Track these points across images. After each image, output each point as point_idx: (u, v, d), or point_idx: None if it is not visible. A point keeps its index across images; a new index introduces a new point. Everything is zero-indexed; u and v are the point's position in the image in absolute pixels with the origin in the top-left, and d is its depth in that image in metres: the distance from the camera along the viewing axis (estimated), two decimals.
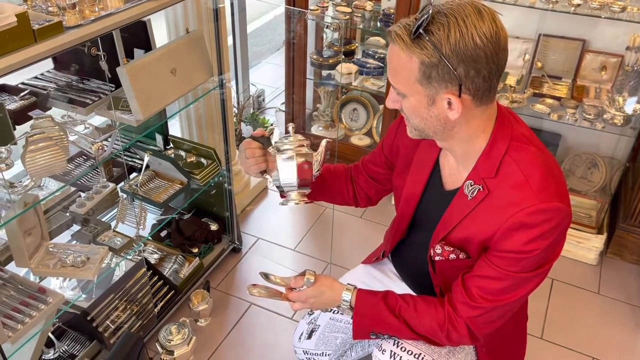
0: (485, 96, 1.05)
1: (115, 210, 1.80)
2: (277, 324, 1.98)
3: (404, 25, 1.02)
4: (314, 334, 1.73)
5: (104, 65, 1.41)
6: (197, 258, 2.05)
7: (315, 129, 2.87)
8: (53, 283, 1.84)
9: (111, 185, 1.77)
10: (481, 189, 1.14)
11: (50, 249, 1.57)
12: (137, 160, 1.99)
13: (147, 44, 1.78)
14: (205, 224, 2.16)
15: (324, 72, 2.81)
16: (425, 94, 1.04)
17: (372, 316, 1.27)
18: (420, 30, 0.98)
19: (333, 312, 1.69)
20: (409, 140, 1.34)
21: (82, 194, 1.75)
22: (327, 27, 2.65)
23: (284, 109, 3.01)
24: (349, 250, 2.28)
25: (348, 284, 1.31)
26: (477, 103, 1.05)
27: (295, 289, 1.32)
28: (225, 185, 2.09)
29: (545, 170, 1.10)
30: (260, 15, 4.15)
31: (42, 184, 1.83)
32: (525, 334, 1.47)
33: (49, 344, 1.70)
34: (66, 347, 1.70)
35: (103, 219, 1.83)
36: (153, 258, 2.04)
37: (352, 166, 1.53)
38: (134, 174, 1.97)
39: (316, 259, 2.26)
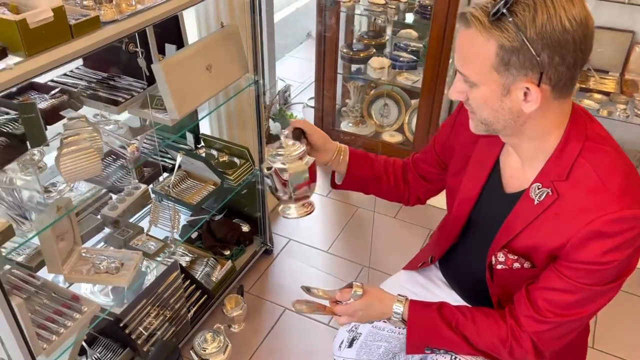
0: (565, 88, 0.95)
1: (145, 211, 1.74)
2: (314, 330, 1.91)
3: (480, 6, 0.92)
4: (355, 342, 1.66)
5: (142, 62, 1.34)
6: (230, 261, 1.98)
7: (345, 125, 2.78)
8: (82, 288, 1.79)
9: (143, 186, 1.70)
10: (550, 193, 1.05)
11: (83, 254, 1.50)
12: (167, 160, 1.92)
13: (179, 39, 1.70)
14: (236, 225, 2.09)
15: (354, 67, 2.72)
16: (500, 82, 0.95)
17: (427, 330, 1.19)
18: (503, 11, 0.89)
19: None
20: (466, 137, 1.26)
21: (114, 196, 1.69)
22: (374, 19, 2.55)
23: (312, 105, 2.92)
24: (384, 252, 2.20)
25: (398, 295, 1.23)
26: (556, 95, 0.96)
27: (340, 302, 1.24)
28: (258, 186, 2.01)
29: (625, 174, 1.01)
30: (282, 7, 4.06)
31: (72, 186, 1.77)
32: (586, 346, 1.38)
33: (81, 351, 1.65)
34: (98, 355, 1.65)
35: (133, 221, 1.77)
36: (184, 261, 1.98)
37: (403, 162, 1.44)
38: (164, 175, 1.90)
39: (350, 261, 2.18)
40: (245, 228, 2.10)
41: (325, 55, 2.50)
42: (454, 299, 1.44)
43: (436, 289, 1.50)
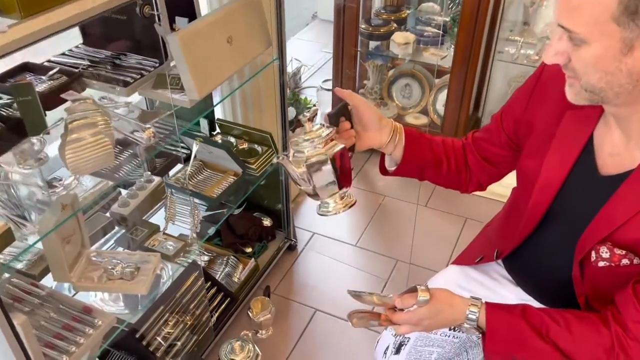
0: None
1: (160, 207, 1.54)
2: (350, 333, 1.72)
3: None
4: (403, 348, 1.47)
5: (160, 29, 1.13)
6: (252, 259, 1.79)
7: None
8: (90, 296, 1.59)
9: (156, 179, 1.50)
10: None
11: (93, 258, 1.31)
12: (181, 150, 1.72)
13: (191, 11, 1.50)
14: (257, 219, 1.89)
15: (372, 44, 2.52)
16: (620, 37, 0.77)
17: (510, 339, 1.01)
18: None
19: None
20: (547, 112, 1.07)
21: (124, 191, 1.49)
22: None
23: (326, 88, 2.72)
24: (420, 244, 2.01)
25: (472, 297, 1.04)
26: None
27: (397, 309, 1.06)
28: (281, 177, 1.82)
29: None
30: None
31: (78, 180, 1.57)
32: None
33: None
34: None
35: (147, 219, 1.57)
36: (201, 261, 1.78)
37: (462, 143, 1.25)
38: (177, 166, 1.70)
39: (383, 255, 2.00)
40: (266, 222, 1.91)
41: (344, 30, 2.29)
42: (521, 298, 1.26)
43: (498, 287, 1.32)
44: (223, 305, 1.67)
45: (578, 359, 0.97)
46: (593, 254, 0.96)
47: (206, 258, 1.80)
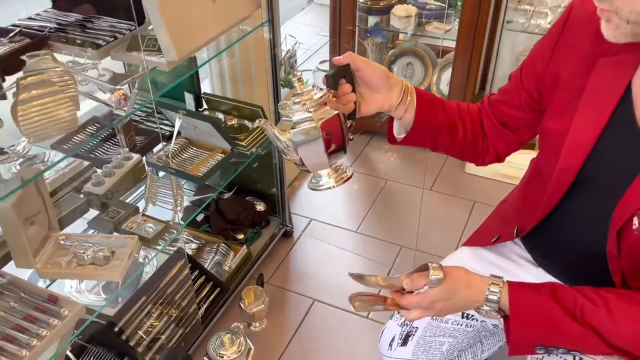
0: None
1: (140, 190, 1.40)
2: (352, 325, 1.58)
3: None
4: (410, 339, 1.33)
5: None
6: (244, 246, 1.65)
7: None
8: (66, 287, 1.45)
9: (135, 156, 1.36)
10: None
11: (62, 242, 1.16)
12: (164, 127, 1.58)
13: None
14: (250, 203, 1.75)
15: (371, 20, 2.37)
16: None
17: (538, 322, 0.87)
18: None
19: None
20: (576, 61, 0.93)
21: (99, 170, 1.35)
22: None
23: (323, 69, 2.58)
24: (426, 230, 1.86)
25: (492, 275, 0.90)
26: None
27: (405, 291, 0.92)
28: (274, 160, 1.68)
29: None
30: None
31: (46, 159, 1.42)
32: None
33: None
34: None
35: (124, 200, 1.43)
36: (189, 249, 1.64)
37: (477, 107, 1.11)
38: (159, 146, 1.55)
39: (386, 242, 1.85)
40: (259, 207, 1.76)
41: (341, 4, 2.14)
42: (544, 280, 1.12)
43: (517, 269, 1.18)
44: (212, 296, 1.53)
45: (619, 342, 0.83)
46: (636, 220, 0.82)
47: (194, 246, 1.66)
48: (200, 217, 1.72)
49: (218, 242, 1.66)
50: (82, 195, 1.29)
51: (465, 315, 1.31)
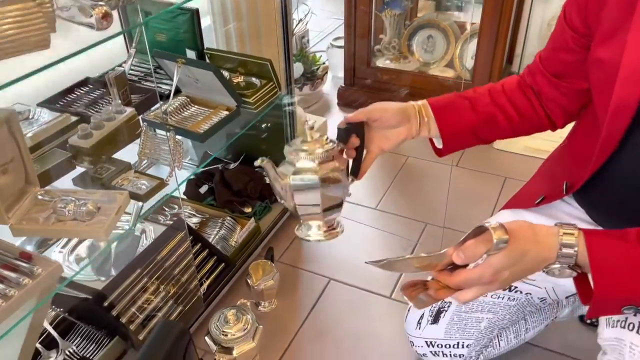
0: None
1: (135, 147, 1.24)
2: (373, 305, 1.40)
3: None
4: (442, 316, 1.16)
5: None
6: (252, 219, 1.48)
7: (382, 62, 2.27)
8: (52, 257, 1.30)
9: (129, 109, 1.21)
10: None
11: (40, 197, 1.01)
12: (162, 86, 1.43)
13: None
14: (258, 174, 1.59)
15: None
16: None
17: (628, 275, 0.70)
18: None
19: None
20: None
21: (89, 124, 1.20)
22: None
23: (338, 45, 2.42)
24: (453, 206, 1.68)
25: (561, 224, 0.73)
26: None
27: (452, 267, 0.75)
28: (286, 119, 1.52)
29: None
30: None
31: (31, 116, 1.28)
32: None
33: (50, 344, 1.16)
34: (74, 348, 1.15)
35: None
36: (191, 223, 1.48)
37: (520, 79, 1.02)
38: (156, 106, 1.40)
39: (409, 218, 1.68)
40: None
41: None
42: None
43: None
44: (216, 272, 1.36)
45: None
46: None
47: (196, 220, 1.50)
48: (203, 190, 1.56)
49: (223, 216, 1.50)
50: (68, 148, 1.14)
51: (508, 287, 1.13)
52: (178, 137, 1.23)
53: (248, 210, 1.53)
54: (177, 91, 1.39)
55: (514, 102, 0.99)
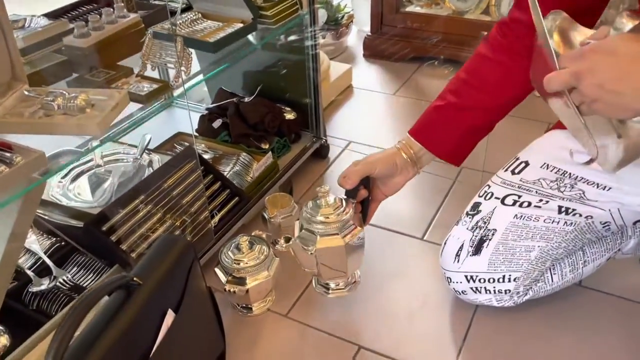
0: None
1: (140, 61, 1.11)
2: (402, 246, 1.26)
3: None
4: (485, 245, 1.00)
5: None
6: (269, 154, 1.35)
7: (412, 8, 2.11)
8: (52, 188, 1.18)
9: (132, 15, 1.09)
10: None
11: (27, 93, 0.89)
12: (172, 4, 1.30)
13: None
14: (277, 107, 1.45)
15: None
16: None
17: None
18: None
19: (536, 194, 0.98)
20: None
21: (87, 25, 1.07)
22: None
23: None
24: (490, 152, 1.52)
25: None
26: None
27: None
28: (309, 51, 1.38)
29: None
30: None
31: (26, 24, 1.16)
32: None
33: (43, 272, 1.04)
34: (69, 276, 1.03)
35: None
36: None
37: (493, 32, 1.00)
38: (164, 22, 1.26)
39: (439, 162, 1.52)
40: (289, 115, 1.46)
41: None
42: None
43: None
44: (229, 205, 1.23)
45: None
46: None
47: (208, 157, 1.37)
48: (217, 125, 1.43)
49: (238, 151, 1.37)
50: (63, 49, 1.02)
51: (564, 209, 0.97)
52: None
53: (265, 146, 1.40)
54: (189, 8, 1.26)
55: (499, 56, 0.98)
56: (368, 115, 1.80)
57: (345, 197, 1.01)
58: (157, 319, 0.78)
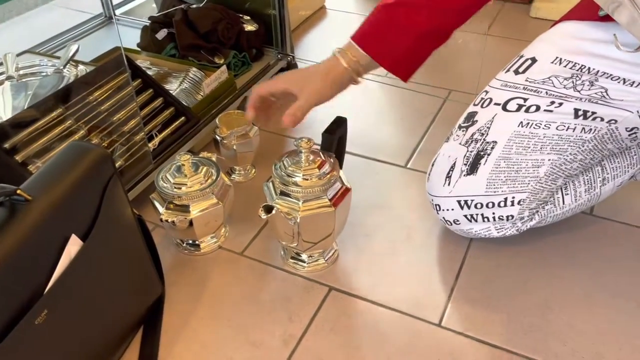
0: None
1: None
2: (382, 174, 1.07)
3: None
4: (482, 162, 0.81)
5: None
6: (224, 68, 1.13)
7: None
8: None
9: None
10: None
11: None
12: None
13: None
14: (234, 15, 1.22)
15: None
16: None
17: None
18: None
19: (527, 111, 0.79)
20: None
21: None
22: None
23: None
24: (484, 75, 1.33)
25: None
26: None
27: None
28: None
29: None
30: None
31: None
32: None
33: None
34: None
35: None
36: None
37: None
38: None
39: (430, 86, 1.32)
40: (249, 27, 1.24)
41: None
42: None
43: None
44: (173, 126, 1.01)
45: None
46: None
47: (151, 72, 1.14)
48: (161, 36, 1.19)
49: (186, 66, 1.15)
50: None
51: (581, 112, 0.79)
52: None
53: (219, 60, 1.17)
54: None
55: None
56: (342, 38, 1.58)
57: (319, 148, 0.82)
58: (56, 246, 0.58)
